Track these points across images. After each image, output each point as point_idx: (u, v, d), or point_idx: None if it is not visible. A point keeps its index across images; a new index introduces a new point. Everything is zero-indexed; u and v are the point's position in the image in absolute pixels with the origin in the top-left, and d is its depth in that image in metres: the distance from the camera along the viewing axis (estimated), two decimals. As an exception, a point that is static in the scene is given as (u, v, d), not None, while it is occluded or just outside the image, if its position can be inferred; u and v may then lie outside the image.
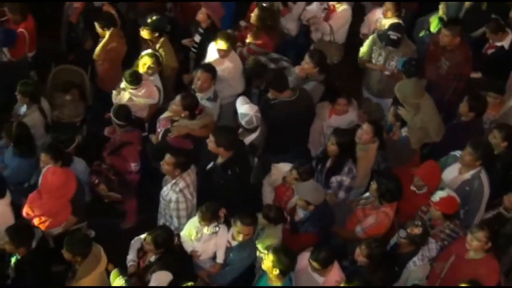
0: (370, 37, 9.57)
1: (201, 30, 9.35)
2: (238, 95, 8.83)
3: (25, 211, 7.29)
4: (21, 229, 6.87)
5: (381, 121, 8.74)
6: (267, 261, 6.48)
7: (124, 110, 8.09)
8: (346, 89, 8.97)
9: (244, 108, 7.94)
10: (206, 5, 9.21)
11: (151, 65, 8.55)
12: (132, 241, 7.18)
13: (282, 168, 7.78)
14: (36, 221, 7.25)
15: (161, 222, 7.65)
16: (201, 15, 9.24)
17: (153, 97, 8.58)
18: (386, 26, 9.09)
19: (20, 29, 8.89)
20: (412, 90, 8.02)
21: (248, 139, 8.05)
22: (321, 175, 7.99)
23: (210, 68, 8.31)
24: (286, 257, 6.51)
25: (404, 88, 8.05)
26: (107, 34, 8.88)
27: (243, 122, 7.85)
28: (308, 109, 8.55)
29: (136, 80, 8.43)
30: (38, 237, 6.95)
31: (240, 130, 8.09)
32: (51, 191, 7.27)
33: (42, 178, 7.33)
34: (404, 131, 8.07)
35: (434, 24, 9.56)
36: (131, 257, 7.11)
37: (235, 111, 8.26)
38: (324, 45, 9.72)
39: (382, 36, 9.17)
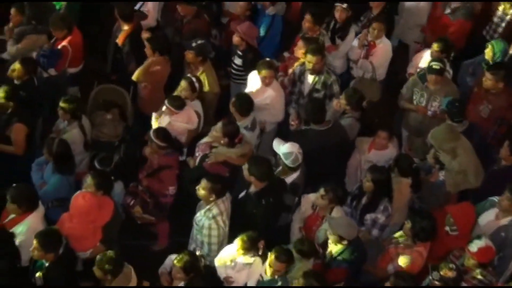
0: (411, 79, 9.47)
1: (239, 53, 9.41)
2: (279, 124, 8.92)
3: (58, 224, 7.28)
4: (50, 235, 6.87)
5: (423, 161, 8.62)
6: (298, 285, 6.51)
7: (164, 132, 8.09)
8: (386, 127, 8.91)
9: (286, 147, 7.87)
10: (237, 27, 9.25)
11: (185, 90, 8.55)
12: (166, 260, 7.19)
13: (312, 198, 7.73)
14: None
15: (192, 247, 7.62)
16: (235, 38, 9.29)
17: (192, 122, 8.60)
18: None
19: (64, 44, 8.96)
20: (446, 135, 7.96)
21: (290, 178, 7.98)
22: (355, 211, 7.94)
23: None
24: (317, 282, 6.50)
25: (438, 134, 8.02)
26: (154, 57, 8.94)
27: (288, 161, 7.78)
28: (340, 142, 8.48)
29: (178, 104, 8.45)
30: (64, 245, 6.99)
31: (280, 168, 8.01)
32: (80, 215, 7.30)
33: (72, 200, 7.35)
34: (441, 174, 7.98)
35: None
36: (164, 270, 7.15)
37: (274, 151, 8.19)
38: (365, 83, 9.62)
39: (424, 76, 9.06)
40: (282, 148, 7.98)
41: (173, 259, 6.85)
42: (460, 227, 7.23)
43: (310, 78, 9.06)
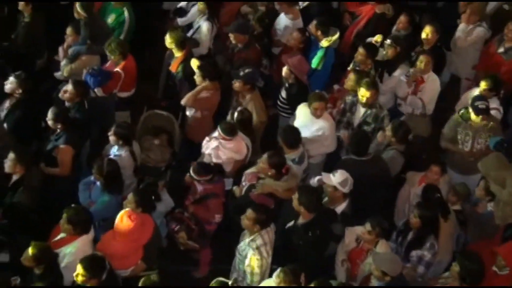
0: (453, 118, 9.31)
1: (286, 86, 9.45)
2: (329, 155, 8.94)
3: (98, 247, 7.35)
4: (95, 261, 6.89)
5: (467, 198, 8.50)
6: None
7: (201, 165, 8.13)
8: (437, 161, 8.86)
9: (339, 176, 7.84)
10: (289, 60, 9.30)
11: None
12: None
13: (356, 230, 7.68)
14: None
15: (233, 276, 7.56)
16: (285, 71, 9.33)
17: (241, 153, 8.63)
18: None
19: (118, 69, 9.08)
20: (495, 163, 7.86)
21: (340, 207, 7.96)
22: (401, 247, 7.85)
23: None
24: None
25: (487, 161, 7.93)
26: (204, 84, 8.98)
27: (346, 188, 7.78)
28: (379, 174, 8.43)
29: (230, 131, 8.45)
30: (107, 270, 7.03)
31: (326, 199, 7.98)
32: (124, 234, 7.36)
33: (117, 219, 7.41)
34: (490, 206, 7.86)
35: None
36: None
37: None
38: (416, 119, 9.56)
39: (467, 115, 8.94)
40: (335, 178, 7.93)
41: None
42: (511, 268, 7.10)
43: (361, 111, 9.05)
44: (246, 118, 8.80)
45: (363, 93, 8.78)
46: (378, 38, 9.95)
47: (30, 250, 6.85)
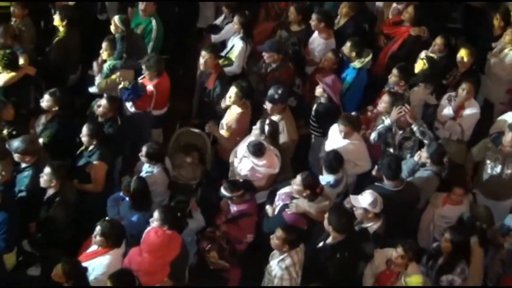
0: (482, 141, 9.24)
1: (316, 105, 9.49)
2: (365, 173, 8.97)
3: (125, 262, 7.41)
4: (124, 276, 6.95)
5: (490, 227, 8.28)
6: None
7: (233, 183, 8.16)
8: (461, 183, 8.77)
9: (368, 197, 7.84)
10: (322, 80, 9.31)
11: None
12: None
13: (386, 252, 7.67)
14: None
15: None
16: (318, 90, 9.34)
17: (274, 167, 8.62)
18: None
19: (150, 86, 9.19)
20: None
21: (373, 226, 7.98)
22: (431, 271, 7.80)
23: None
24: None
25: None
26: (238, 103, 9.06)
27: (377, 208, 7.79)
28: (410, 202, 8.44)
29: (259, 151, 8.45)
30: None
31: (359, 219, 7.99)
32: (150, 250, 7.38)
33: (144, 235, 7.49)
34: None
35: None
36: None
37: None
38: (452, 145, 9.47)
39: (498, 139, 8.88)
40: (363, 199, 7.95)
41: None
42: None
43: (398, 131, 9.07)
44: (275, 130, 8.84)
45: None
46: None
47: (60, 266, 6.94)
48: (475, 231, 7.92)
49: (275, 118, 8.99)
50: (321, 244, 7.66)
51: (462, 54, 9.82)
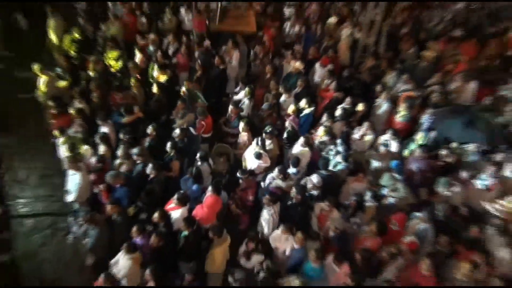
0: (367, 153, 8.93)
1: (286, 132, 9.13)
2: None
3: (194, 213, 7.52)
4: (191, 219, 6.97)
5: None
6: None
7: (246, 171, 8.05)
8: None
9: (315, 177, 7.93)
10: (289, 119, 9.16)
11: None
12: None
13: (321, 205, 7.66)
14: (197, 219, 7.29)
15: (259, 228, 7.74)
16: (286, 123, 9.18)
17: (267, 163, 8.54)
18: None
19: (202, 123, 9.13)
20: None
21: (315, 194, 7.99)
22: (345, 215, 7.70)
23: None
24: None
25: None
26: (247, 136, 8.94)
27: (319, 183, 7.92)
28: (334, 181, 8.23)
29: (259, 156, 8.38)
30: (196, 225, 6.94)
31: (308, 190, 7.98)
32: (208, 205, 7.53)
33: (205, 198, 7.62)
34: None
35: None
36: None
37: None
38: (357, 153, 9.17)
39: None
40: (314, 179, 7.95)
41: None
42: None
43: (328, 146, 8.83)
44: (264, 146, 8.77)
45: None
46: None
47: (158, 212, 7.12)
48: (373, 197, 7.99)
49: (268, 141, 8.82)
50: (289, 203, 7.76)
51: (359, 107, 9.70)
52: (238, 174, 8.07)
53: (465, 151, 8.86)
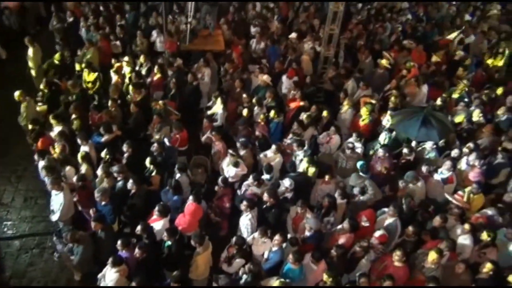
0: (335, 154, 8.91)
1: (258, 140, 9.15)
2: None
3: (176, 222, 7.40)
4: (174, 230, 6.86)
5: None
6: None
7: (225, 179, 7.97)
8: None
9: (287, 180, 7.87)
10: (259, 130, 9.14)
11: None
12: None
13: (296, 208, 7.52)
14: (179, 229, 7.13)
15: (239, 233, 7.57)
16: (256, 133, 9.10)
17: (244, 171, 8.48)
18: None
19: (177, 136, 8.92)
20: None
21: (289, 196, 7.90)
22: (319, 216, 7.56)
23: None
24: None
25: None
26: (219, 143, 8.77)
27: (291, 186, 7.82)
28: (304, 183, 8.13)
29: (236, 164, 8.22)
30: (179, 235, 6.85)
31: (281, 193, 7.87)
32: (190, 214, 7.39)
33: (186, 207, 7.45)
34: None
35: None
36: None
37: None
38: (325, 155, 9.10)
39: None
40: (286, 182, 7.82)
41: None
42: None
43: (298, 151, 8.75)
44: (239, 155, 8.59)
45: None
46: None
47: (140, 225, 6.91)
48: (343, 196, 7.83)
49: (242, 152, 8.67)
50: (264, 206, 7.66)
51: (324, 114, 9.68)
52: (218, 182, 7.92)
53: (423, 149, 8.95)
